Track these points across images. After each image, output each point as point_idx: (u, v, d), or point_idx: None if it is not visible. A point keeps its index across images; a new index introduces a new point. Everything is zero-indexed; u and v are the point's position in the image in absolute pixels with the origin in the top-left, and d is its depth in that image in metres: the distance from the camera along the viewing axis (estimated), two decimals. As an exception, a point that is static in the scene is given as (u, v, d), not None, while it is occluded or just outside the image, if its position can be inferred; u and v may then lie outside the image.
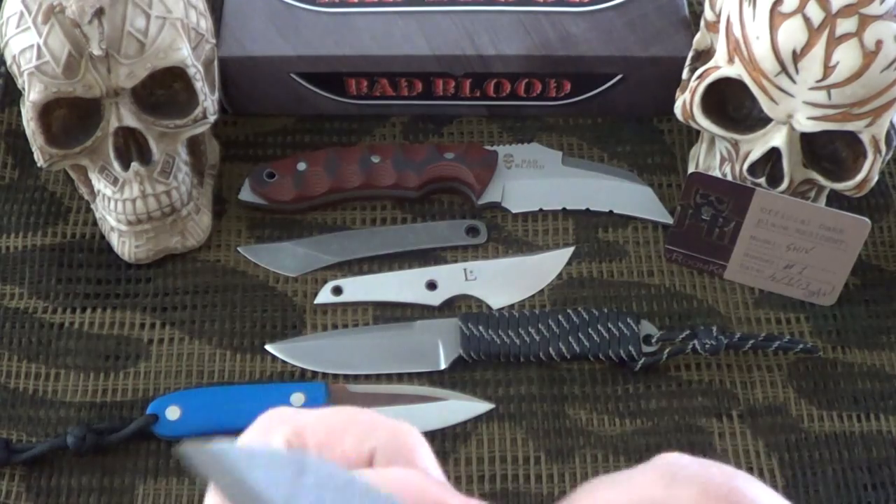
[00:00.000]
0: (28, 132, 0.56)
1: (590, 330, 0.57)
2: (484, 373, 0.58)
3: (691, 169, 0.63)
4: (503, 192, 0.64)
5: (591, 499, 0.28)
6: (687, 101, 0.57)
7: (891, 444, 0.56)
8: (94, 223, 0.62)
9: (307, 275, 0.61)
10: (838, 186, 0.56)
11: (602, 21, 0.64)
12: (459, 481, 0.55)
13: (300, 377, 0.58)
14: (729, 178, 0.58)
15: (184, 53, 0.55)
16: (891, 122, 0.54)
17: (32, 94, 0.53)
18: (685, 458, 0.28)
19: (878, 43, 0.50)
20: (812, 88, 0.52)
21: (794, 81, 0.52)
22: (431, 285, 0.61)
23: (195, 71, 0.56)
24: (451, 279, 0.61)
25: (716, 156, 0.60)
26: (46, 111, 0.55)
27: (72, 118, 0.56)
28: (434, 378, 0.58)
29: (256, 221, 0.63)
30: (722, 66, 0.55)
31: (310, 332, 0.59)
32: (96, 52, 0.52)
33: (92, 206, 0.62)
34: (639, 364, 0.57)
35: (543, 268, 0.62)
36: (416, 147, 0.64)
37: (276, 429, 0.28)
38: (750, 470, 0.55)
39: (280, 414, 0.29)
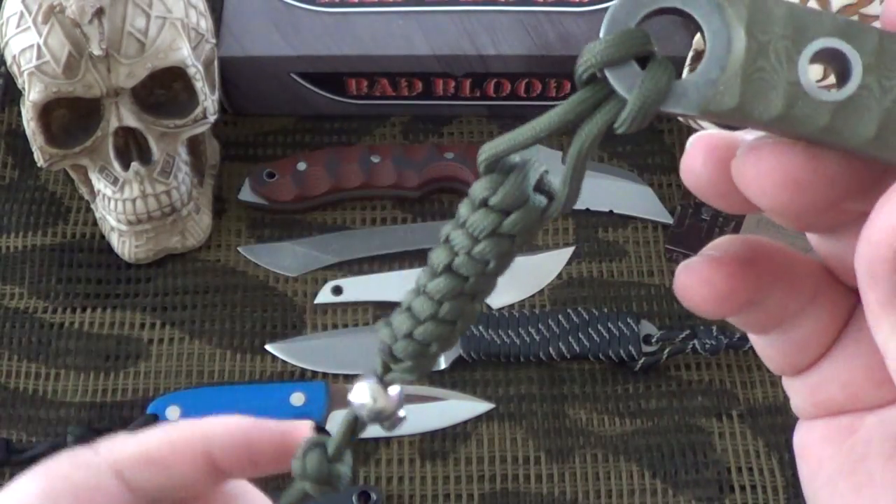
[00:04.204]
0: (28, 132, 0.56)
1: (590, 330, 0.57)
2: (484, 373, 0.58)
3: (691, 169, 0.63)
4: (503, 192, 0.64)
5: None
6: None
7: (891, 444, 0.56)
8: (94, 223, 0.62)
9: (307, 275, 0.61)
10: (838, 186, 0.56)
11: (602, 21, 0.64)
12: (459, 481, 0.55)
13: (300, 377, 0.58)
14: (729, 178, 0.58)
15: (184, 53, 0.55)
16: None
17: (32, 94, 0.53)
18: None
19: None
20: (812, 88, 0.52)
21: (794, 81, 0.52)
22: (431, 285, 0.60)
23: (195, 71, 0.56)
24: (451, 279, 0.61)
25: (716, 156, 0.60)
26: (46, 111, 0.55)
27: (72, 118, 0.56)
28: (434, 378, 0.58)
29: (256, 221, 0.63)
30: (722, 65, 0.55)
31: (310, 332, 0.59)
32: (96, 51, 0.52)
33: (92, 206, 0.62)
34: (639, 364, 0.57)
35: (543, 268, 0.62)
36: (416, 147, 0.64)
37: None
38: (750, 470, 0.55)
39: None
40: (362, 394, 0.26)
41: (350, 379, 0.58)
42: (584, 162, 0.22)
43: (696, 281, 0.23)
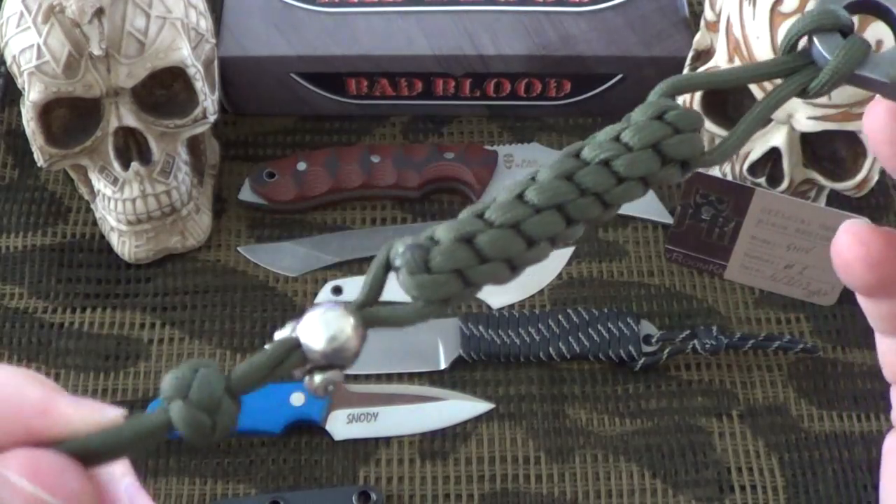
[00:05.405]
0: (28, 132, 0.56)
1: (590, 330, 0.57)
2: (484, 373, 0.58)
3: (691, 169, 0.63)
4: (503, 192, 0.64)
5: None
6: (687, 101, 0.57)
7: (891, 444, 0.56)
8: (94, 223, 0.62)
9: (307, 275, 0.61)
10: (838, 186, 0.56)
11: (602, 21, 0.64)
12: (459, 481, 0.55)
13: (300, 377, 0.58)
14: (729, 178, 0.58)
15: (184, 53, 0.55)
16: (891, 122, 0.54)
17: (32, 94, 0.53)
18: None
19: (879, 43, 0.50)
20: (812, 88, 0.52)
21: (794, 81, 0.52)
22: (431, 285, 0.60)
23: (195, 71, 0.56)
24: (451, 279, 0.61)
25: (716, 156, 0.60)
26: (46, 111, 0.55)
27: (72, 118, 0.56)
28: (434, 378, 0.58)
29: (256, 221, 0.63)
30: (722, 66, 0.55)
31: (310, 332, 0.59)
32: (96, 51, 0.52)
33: (92, 206, 0.62)
34: (639, 364, 0.57)
35: (543, 268, 0.62)
36: (416, 147, 0.64)
37: None
38: (750, 470, 0.55)
39: None
40: (330, 324, 0.21)
41: (350, 379, 0.58)
42: (762, 119, 0.25)
43: (854, 240, 0.25)
